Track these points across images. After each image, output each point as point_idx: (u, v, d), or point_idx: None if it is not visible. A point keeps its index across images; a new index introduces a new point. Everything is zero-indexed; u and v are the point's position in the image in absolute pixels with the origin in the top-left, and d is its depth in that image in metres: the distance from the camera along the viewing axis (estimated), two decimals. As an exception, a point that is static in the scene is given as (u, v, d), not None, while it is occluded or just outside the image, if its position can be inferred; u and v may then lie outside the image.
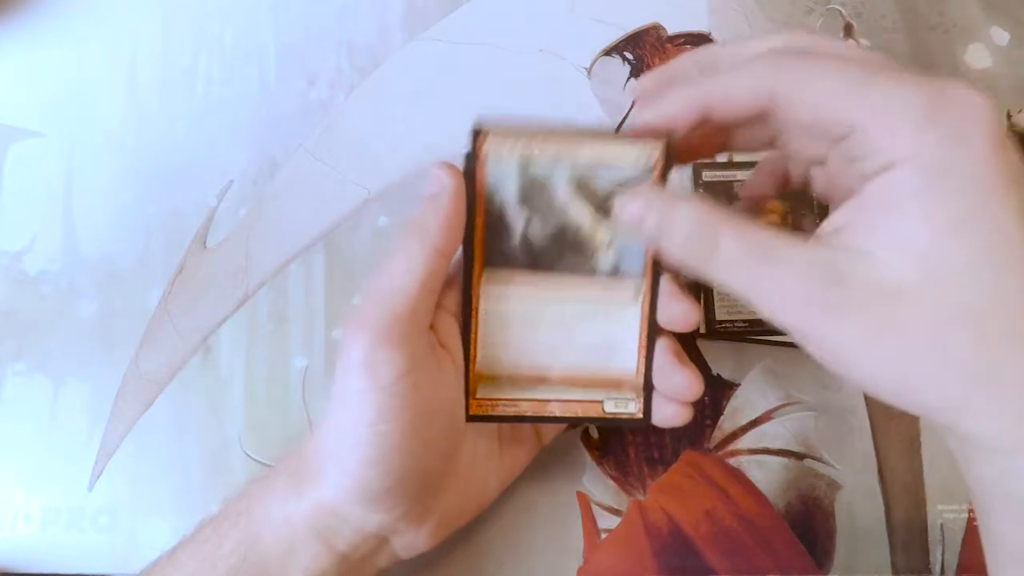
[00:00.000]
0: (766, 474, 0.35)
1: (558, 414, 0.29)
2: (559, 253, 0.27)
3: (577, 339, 0.28)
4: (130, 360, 0.36)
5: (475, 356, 0.29)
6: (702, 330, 0.35)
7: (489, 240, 0.27)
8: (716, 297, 0.34)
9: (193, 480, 0.35)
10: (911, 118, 0.20)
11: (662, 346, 0.29)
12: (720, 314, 0.35)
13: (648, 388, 0.29)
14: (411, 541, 0.29)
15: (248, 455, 0.35)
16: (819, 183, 0.26)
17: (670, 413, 0.29)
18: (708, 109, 0.24)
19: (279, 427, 0.35)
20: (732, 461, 0.35)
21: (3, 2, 0.40)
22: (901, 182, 0.20)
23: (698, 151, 0.27)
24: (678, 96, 0.24)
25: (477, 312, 0.28)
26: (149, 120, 0.39)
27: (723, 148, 0.27)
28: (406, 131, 0.38)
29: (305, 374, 0.36)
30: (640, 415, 0.29)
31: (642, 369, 0.28)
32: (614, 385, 0.28)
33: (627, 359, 0.28)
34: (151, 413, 0.36)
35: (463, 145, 0.26)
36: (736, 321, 0.35)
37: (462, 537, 0.33)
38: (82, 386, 0.36)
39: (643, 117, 0.25)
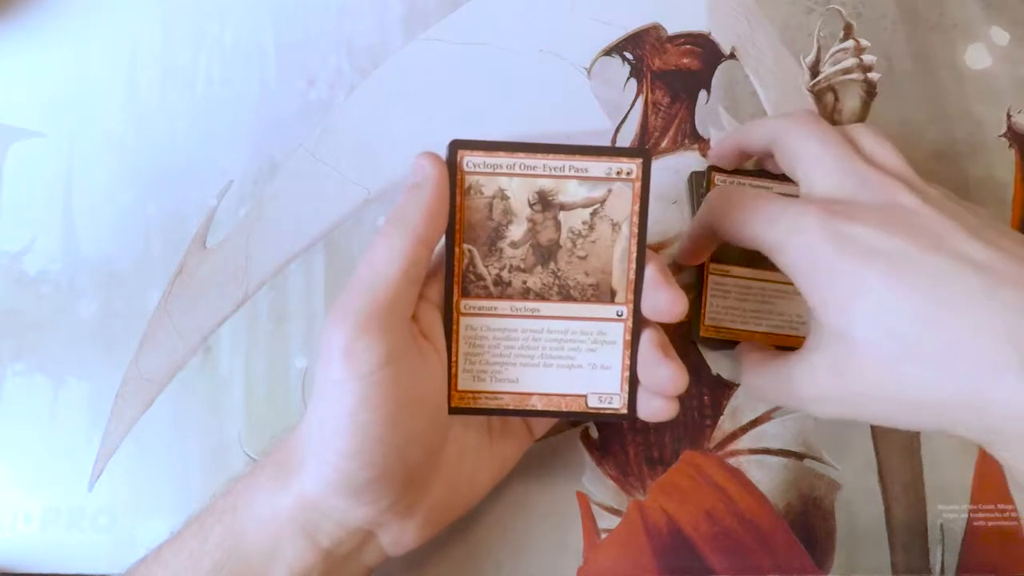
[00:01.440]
0: (766, 474, 0.35)
1: (540, 408, 0.29)
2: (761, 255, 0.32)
3: (775, 310, 0.35)
4: (130, 360, 0.36)
5: (457, 348, 0.29)
6: (704, 333, 0.35)
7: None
8: (708, 304, 0.34)
9: (193, 480, 0.35)
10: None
11: (647, 338, 0.28)
12: (711, 318, 0.35)
13: (633, 382, 0.29)
14: (398, 536, 0.28)
15: (248, 455, 0.35)
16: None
17: (656, 407, 0.28)
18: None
19: (279, 427, 0.35)
20: (732, 461, 0.35)
21: (3, 2, 0.40)
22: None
23: None
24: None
25: (459, 304, 0.28)
26: (149, 120, 0.39)
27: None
28: (406, 131, 0.38)
29: (305, 374, 0.36)
30: (624, 410, 0.29)
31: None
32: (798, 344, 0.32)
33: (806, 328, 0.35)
34: (151, 413, 0.36)
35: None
36: (730, 328, 0.35)
37: (460, 536, 0.33)
38: (82, 386, 0.36)
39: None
